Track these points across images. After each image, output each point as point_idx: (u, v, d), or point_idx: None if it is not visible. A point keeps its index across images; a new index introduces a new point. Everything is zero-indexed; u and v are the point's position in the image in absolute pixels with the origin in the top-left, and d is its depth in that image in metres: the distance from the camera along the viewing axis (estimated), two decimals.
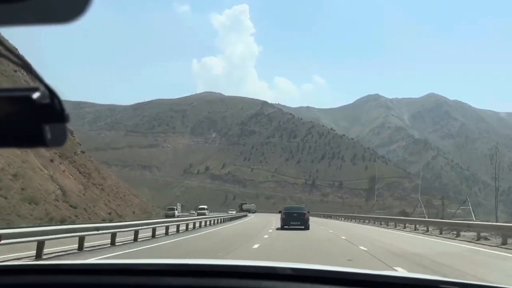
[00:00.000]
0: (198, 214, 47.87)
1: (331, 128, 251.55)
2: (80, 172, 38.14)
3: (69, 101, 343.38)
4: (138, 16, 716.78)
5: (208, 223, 31.54)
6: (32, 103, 0.66)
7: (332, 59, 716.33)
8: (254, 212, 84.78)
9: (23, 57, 0.73)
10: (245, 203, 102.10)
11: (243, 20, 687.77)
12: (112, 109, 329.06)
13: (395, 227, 30.52)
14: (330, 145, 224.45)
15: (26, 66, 0.66)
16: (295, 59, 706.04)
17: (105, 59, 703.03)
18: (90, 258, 9.69)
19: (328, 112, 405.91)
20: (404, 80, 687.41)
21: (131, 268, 1.56)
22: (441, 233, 20.94)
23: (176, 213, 51.85)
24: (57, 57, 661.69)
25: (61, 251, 11.34)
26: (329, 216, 61.72)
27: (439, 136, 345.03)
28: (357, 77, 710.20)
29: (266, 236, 18.51)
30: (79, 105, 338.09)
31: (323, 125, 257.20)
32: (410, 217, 36.91)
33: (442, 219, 33.08)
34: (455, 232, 19.78)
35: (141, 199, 57.63)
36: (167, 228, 20.35)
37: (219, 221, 36.45)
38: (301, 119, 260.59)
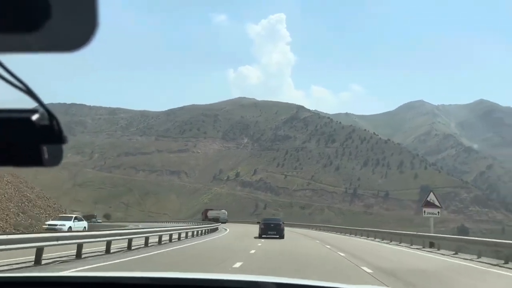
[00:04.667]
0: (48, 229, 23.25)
1: (374, 133, 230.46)
2: None
3: (105, 108, 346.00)
4: (175, 26, 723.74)
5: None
6: (31, 124, 0.67)
7: (370, 67, 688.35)
8: (224, 222, 61.90)
9: (23, 81, 0.65)
10: (212, 209, 78.07)
11: (279, 29, 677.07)
12: (145, 115, 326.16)
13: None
14: (373, 150, 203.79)
15: (27, 90, 0.67)
16: (331, 68, 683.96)
17: (142, 67, 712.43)
18: None
19: (368, 118, 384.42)
20: (450, 86, 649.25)
21: (110, 281, 1.49)
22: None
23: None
24: (95, 63, 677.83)
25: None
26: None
27: (492, 145, 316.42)
28: (398, 84, 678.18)
29: None
30: (114, 111, 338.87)
31: (365, 129, 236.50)
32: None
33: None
34: None
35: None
36: None
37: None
38: (340, 122, 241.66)
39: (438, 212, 24.45)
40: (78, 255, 11.91)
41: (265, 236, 24.74)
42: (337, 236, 32.69)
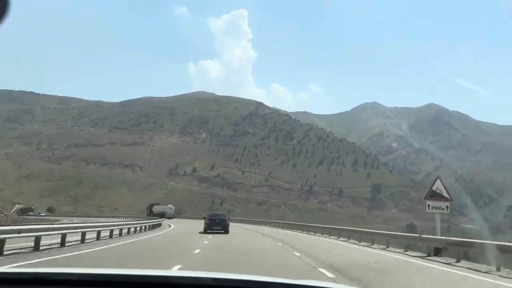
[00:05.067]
0: None
1: (330, 132, 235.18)
2: None
3: (55, 96, 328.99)
4: (135, 13, 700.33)
5: None
6: None
7: (329, 67, 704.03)
8: (171, 218, 59.25)
9: None
10: (158, 204, 74.01)
11: (241, 25, 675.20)
12: (98, 105, 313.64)
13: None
14: (329, 149, 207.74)
15: None
16: (292, 67, 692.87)
17: (97, 56, 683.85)
18: None
19: (324, 118, 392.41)
20: (402, 90, 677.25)
21: (45, 277, 1.45)
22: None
23: None
24: (46, 49, 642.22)
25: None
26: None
27: (439, 147, 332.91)
28: (354, 86, 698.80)
29: None
30: (65, 100, 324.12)
31: (321, 128, 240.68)
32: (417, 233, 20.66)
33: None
34: None
35: None
36: None
37: None
38: (298, 120, 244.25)
39: (447, 207, 16.11)
40: None
41: (210, 231, 24.87)
42: (301, 235, 29.25)
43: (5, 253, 10.51)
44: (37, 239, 11.95)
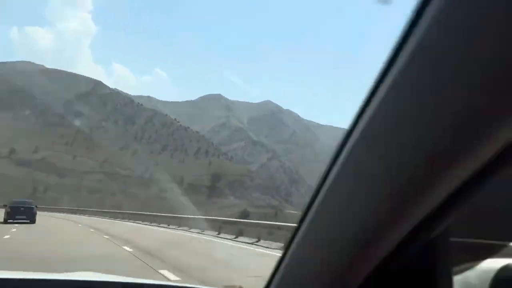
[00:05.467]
0: None
1: (175, 119, 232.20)
2: None
3: None
4: None
5: None
6: None
7: (176, 54, 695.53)
8: None
9: None
10: None
11: None
12: None
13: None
14: (173, 136, 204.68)
15: None
16: (137, 48, 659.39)
17: None
18: None
19: (170, 105, 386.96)
20: (244, 85, 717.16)
21: None
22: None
23: None
24: None
25: None
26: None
27: (273, 141, 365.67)
28: (201, 76, 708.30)
29: None
30: None
31: (166, 115, 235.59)
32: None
33: None
34: None
35: None
36: None
37: None
38: (142, 105, 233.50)
39: None
40: None
41: (12, 221, 22.79)
42: (118, 223, 26.14)
43: None
44: None
